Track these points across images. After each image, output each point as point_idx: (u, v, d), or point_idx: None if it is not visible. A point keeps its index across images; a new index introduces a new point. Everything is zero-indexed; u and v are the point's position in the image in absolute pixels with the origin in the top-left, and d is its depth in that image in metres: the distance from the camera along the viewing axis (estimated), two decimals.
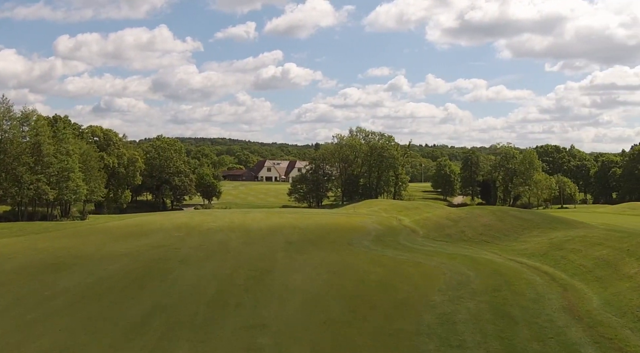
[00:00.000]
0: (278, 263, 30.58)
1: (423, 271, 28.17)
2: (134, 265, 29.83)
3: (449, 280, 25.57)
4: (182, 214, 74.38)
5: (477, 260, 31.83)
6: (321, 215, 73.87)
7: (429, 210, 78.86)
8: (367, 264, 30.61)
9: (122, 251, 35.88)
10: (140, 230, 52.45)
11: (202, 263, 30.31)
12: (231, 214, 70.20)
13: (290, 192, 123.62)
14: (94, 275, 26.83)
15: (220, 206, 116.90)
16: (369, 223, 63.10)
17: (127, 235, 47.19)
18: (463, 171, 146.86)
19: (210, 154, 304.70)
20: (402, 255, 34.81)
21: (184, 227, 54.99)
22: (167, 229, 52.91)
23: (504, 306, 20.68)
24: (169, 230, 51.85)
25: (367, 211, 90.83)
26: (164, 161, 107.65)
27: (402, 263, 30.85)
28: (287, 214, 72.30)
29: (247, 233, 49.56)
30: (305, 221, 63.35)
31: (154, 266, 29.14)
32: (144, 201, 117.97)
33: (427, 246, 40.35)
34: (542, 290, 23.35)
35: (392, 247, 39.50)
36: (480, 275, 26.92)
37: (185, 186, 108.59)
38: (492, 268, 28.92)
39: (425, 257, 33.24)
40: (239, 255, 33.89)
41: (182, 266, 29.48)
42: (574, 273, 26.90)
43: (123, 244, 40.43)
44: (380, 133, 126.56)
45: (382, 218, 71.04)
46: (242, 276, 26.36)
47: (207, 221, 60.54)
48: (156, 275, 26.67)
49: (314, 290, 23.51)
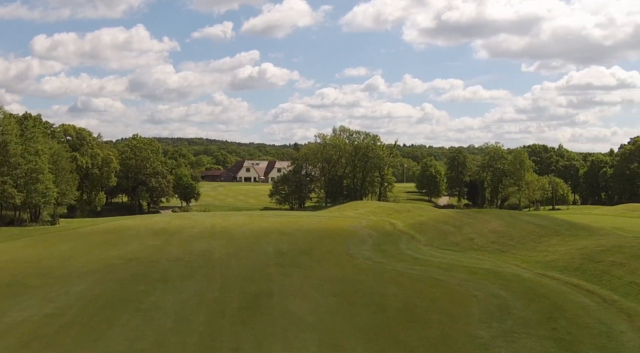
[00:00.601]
0: (273, 282, 25.96)
1: (448, 292, 23.79)
2: (102, 286, 25.02)
3: (485, 305, 21.24)
4: (160, 218, 69.41)
5: (504, 276, 27.57)
6: (307, 218, 69.59)
7: (421, 213, 74.74)
8: (377, 282, 26.16)
9: (91, 265, 31.05)
10: (113, 237, 47.58)
11: (184, 283, 25.58)
12: (212, 218, 65.55)
13: (271, 193, 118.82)
14: (54, 302, 21.97)
15: (199, 208, 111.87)
16: (361, 227, 58.84)
17: (99, 244, 42.30)
18: (449, 171, 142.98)
19: (187, 154, 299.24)
20: (413, 268, 30.44)
21: (162, 233, 50.23)
22: (143, 236, 48.11)
23: (575, 345, 16.32)
24: (145, 237, 47.07)
25: (354, 213, 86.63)
26: (140, 161, 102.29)
27: (418, 281, 26.46)
28: (271, 218, 67.94)
29: (231, 240, 44.97)
30: (292, 225, 59.06)
31: (127, 288, 24.37)
32: (120, 204, 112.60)
33: (436, 256, 36.02)
34: (605, 318, 19.11)
35: (397, 258, 35.13)
36: (517, 296, 22.68)
37: (162, 187, 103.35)
38: (526, 287, 24.69)
39: (441, 272, 28.89)
40: (227, 271, 29.23)
41: (160, 286, 24.75)
42: (626, 293, 22.81)
43: (93, 255, 35.58)
44: (365, 132, 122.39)
45: (373, 221, 66.86)
46: (234, 303, 21.72)
47: (186, 227, 55.83)
48: (129, 301, 21.91)
49: (325, 323, 18.94)
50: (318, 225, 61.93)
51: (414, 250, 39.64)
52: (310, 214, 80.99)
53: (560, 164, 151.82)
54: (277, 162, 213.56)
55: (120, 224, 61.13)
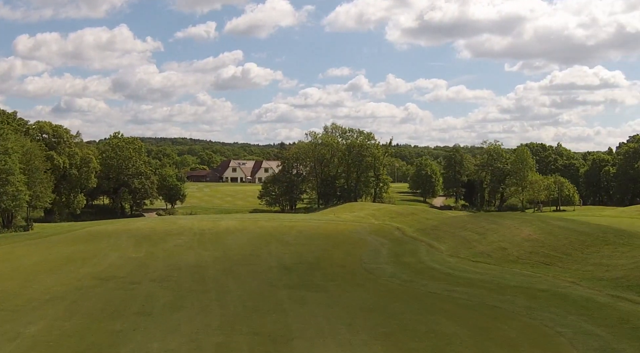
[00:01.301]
0: (288, 315, 20.08)
1: (522, 329, 18.13)
2: (66, 323, 19.02)
3: (583, 351, 15.62)
4: (143, 222, 63.28)
5: (574, 300, 22.13)
6: (303, 222, 64.08)
7: (428, 215, 69.26)
8: (421, 313, 20.42)
9: (58, 289, 25.10)
10: (89, 248, 41.64)
11: (172, 318, 19.62)
12: (200, 223, 59.73)
13: (261, 195, 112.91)
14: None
15: (185, 210, 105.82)
16: (366, 233, 53.47)
17: (71, 258, 36.37)
18: (446, 170, 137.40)
19: (171, 154, 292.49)
20: (453, 290, 24.82)
21: (144, 242, 44.38)
22: (123, 246, 42.19)
23: None
24: (125, 248, 41.17)
25: (352, 216, 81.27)
26: (122, 161, 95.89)
27: (472, 310, 20.84)
28: (265, 222, 62.37)
29: (225, 251, 39.23)
30: (289, 231, 53.69)
31: (98, 327, 18.41)
32: (101, 206, 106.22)
33: (471, 271, 30.46)
34: None
35: (427, 275, 29.52)
36: (614, 334, 17.19)
37: (146, 189, 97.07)
38: (616, 318, 19.20)
39: (492, 296, 23.28)
40: (225, 297, 23.36)
41: (142, 323, 18.81)
42: None
43: (62, 274, 29.61)
44: (358, 130, 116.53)
45: (377, 226, 61.51)
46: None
47: (172, 233, 50.02)
48: (98, 351, 16.02)
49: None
50: (318, 230, 56.36)
51: (440, 262, 34.10)
52: (305, 218, 75.35)
53: (560, 164, 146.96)
54: (264, 162, 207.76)
55: (99, 230, 55.14)
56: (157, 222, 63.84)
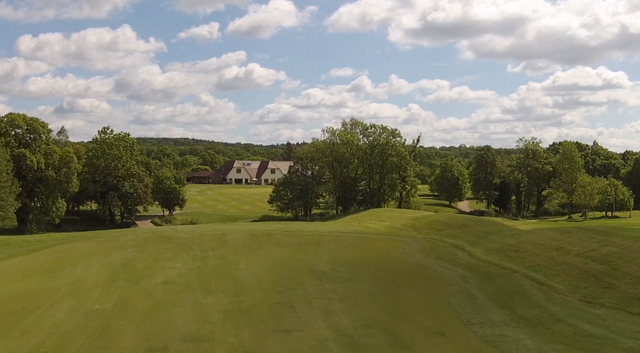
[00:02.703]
0: None
1: None
2: None
3: None
4: (128, 239, 49.55)
5: None
6: (331, 237, 51.01)
7: (488, 228, 55.64)
8: None
9: None
10: (35, 286, 28.13)
11: None
12: (201, 240, 46.44)
13: (271, 199, 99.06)
14: None
15: (185, 218, 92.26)
16: (422, 255, 40.53)
17: None
18: (476, 172, 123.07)
19: (172, 154, 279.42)
20: None
21: (121, 276, 31.07)
22: (87, 285, 28.80)
23: None
24: (89, 289, 27.81)
25: (383, 226, 67.78)
26: (111, 161, 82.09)
27: None
28: (282, 237, 49.41)
29: (239, 297, 25.88)
30: (318, 251, 41.35)
31: None
32: (88, 213, 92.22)
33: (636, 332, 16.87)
34: None
35: (579, 344, 15.92)
36: None
37: (138, 193, 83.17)
38: None
39: None
40: None
41: None
42: None
43: None
44: (382, 126, 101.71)
45: (428, 243, 48.28)
46: None
47: (162, 261, 36.63)
48: None
49: None
50: (356, 250, 43.17)
51: (573, 313, 21.56)
52: (329, 229, 61.84)
53: (598, 164, 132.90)
54: (270, 162, 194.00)
55: (68, 250, 41.81)
56: (145, 241, 50.18)
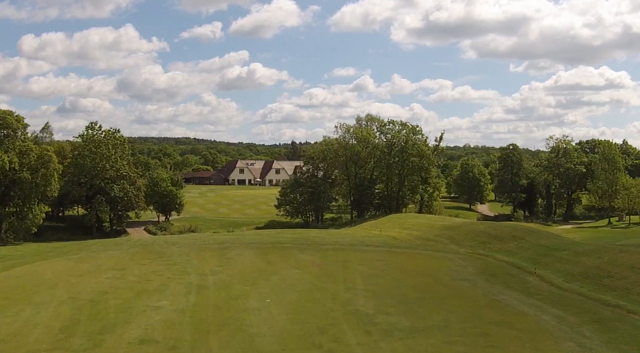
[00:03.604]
0: None
1: None
2: None
3: None
4: (107, 259, 39.67)
5: None
6: (360, 255, 41.39)
7: (544, 240, 45.81)
8: None
9: None
10: None
11: None
12: (199, 259, 36.91)
13: (279, 203, 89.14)
14: None
15: (183, 224, 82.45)
16: (485, 284, 31.02)
17: None
18: (502, 173, 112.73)
19: (173, 153, 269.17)
20: None
21: (77, 332, 21.47)
22: (30, 341, 18.94)
23: None
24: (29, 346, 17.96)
25: (409, 236, 58.36)
26: (98, 160, 72.14)
27: None
28: (300, 254, 40.34)
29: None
30: (355, 280, 32.08)
31: None
32: (74, 219, 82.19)
33: None
34: None
35: None
36: None
37: (130, 197, 73.18)
38: None
39: None
40: None
41: None
42: None
43: None
44: (401, 122, 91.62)
45: (480, 261, 38.99)
46: None
47: (145, 294, 27.04)
48: None
49: None
50: (400, 276, 33.39)
51: None
52: (352, 241, 52.17)
53: (629, 164, 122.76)
54: (274, 162, 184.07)
55: (21, 281, 32.71)
56: (132, 254, 40.34)
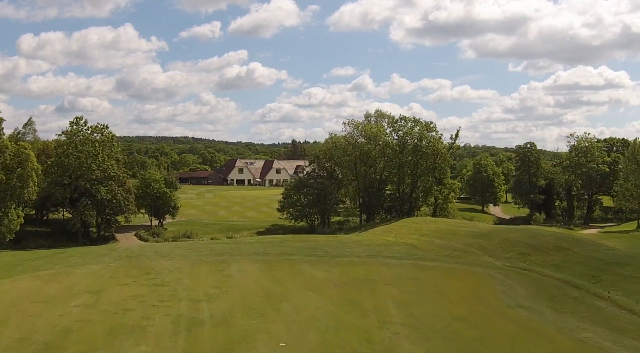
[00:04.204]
0: None
1: None
2: None
3: None
4: (83, 277, 32.94)
5: None
6: (385, 272, 34.77)
7: (596, 252, 39.35)
8: None
9: None
10: None
11: None
12: (192, 277, 30.15)
13: (282, 206, 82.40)
14: None
15: (178, 228, 75.60)
16: (552, 313, 24.94)
17: None
18: (519, 173, 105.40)
19: (170, 152, 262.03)
20: None
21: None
22: None
23: None
24: None
25: (432, 245, 51.91)
26: (84, 159, 65.29)
27: None
28: (311, 269, 33.73)
29: None
30: (385, 307, 25.05)
31: None
32: (59, 223, 74.99)
33: None
34: None
35: None
36: None
37: (118, 200, 66.27)
38: None
39: None
40: None
41: None
42: None
43: None
44: (414, 118, 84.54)
45: (524, 279, 32.09)
46: None
47: (119, 331, 20.17)
48: None
49: None
50: (438, 301, 26.80)
51: None
52: (370, 252, 45.60)
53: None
54: (275, 161, 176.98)
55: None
56: (114, 270, 33.57)
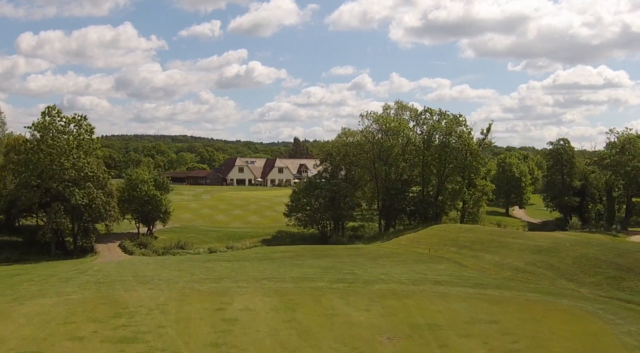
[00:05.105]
0: None
1: None
2: None
3: None
4: (15, 328, 22.10)
5: None
6: (458, 307, 24.08)
7: None
8: None
9: None
10: None
11: None
12: (181, 337, 19.45)
13: (289, 210, 71.93)
14: None
15: (171, 236, 65.37)
16: None
17: None
18: (552, 173, 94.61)
19: (167, 151, 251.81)
20: None
21: None
22: None
23: None
24: None
25: (481, 261, 41.79)
26: (56, 156, 54.74)
27: None
28: (350, 308, 23.69)
29: None
30: None
31: None
32: (31, 230, 64.01)
33: None
34: None
35: None
36: None
37: (97, 205, 55.63)
38: None
39: None
40: None
41: None
42: None
43: None
44: (440, 111, 72.84)
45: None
46: None
47: None
48: None
49: None
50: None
51: None
52: (410, 273, 35.50)
53: None
54: (277, 160, 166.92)
55: None
56: (66, 315, 22.89)
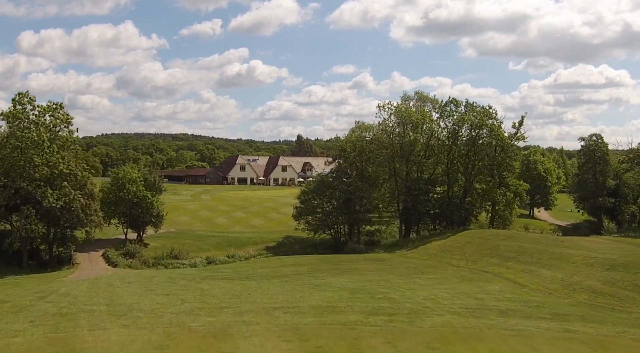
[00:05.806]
0: None
1: None
2: None
3: None
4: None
5: None
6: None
7: None
8: None
9: None
10: None
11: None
12: None
13: (298, 214, 63.72)
14: None
15: (164, 243, 57.38)
16: None
17: None
18: (583, 171, 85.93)
19: (167, 149, 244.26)
20: None
21: None
22: None
23: None
24: None
25: (539, 278, 33.80)
26: (25, 150, 46.45)
27: None
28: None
29: None
30: None
31: None
32: (3, 237, 55.75)
33: None
34: None
35: None
36: None
37: (76, 208, 47.32)
38: None
39: None
40: None
41: None
42: None
43: None
44: (467, 102, 65.13)
45: None
46: None
47: None
48: None
49: None
50: None
51: None
52: (469, 299, 27.09)
53: None
54: (280, 158, 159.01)
55: None
56: None
